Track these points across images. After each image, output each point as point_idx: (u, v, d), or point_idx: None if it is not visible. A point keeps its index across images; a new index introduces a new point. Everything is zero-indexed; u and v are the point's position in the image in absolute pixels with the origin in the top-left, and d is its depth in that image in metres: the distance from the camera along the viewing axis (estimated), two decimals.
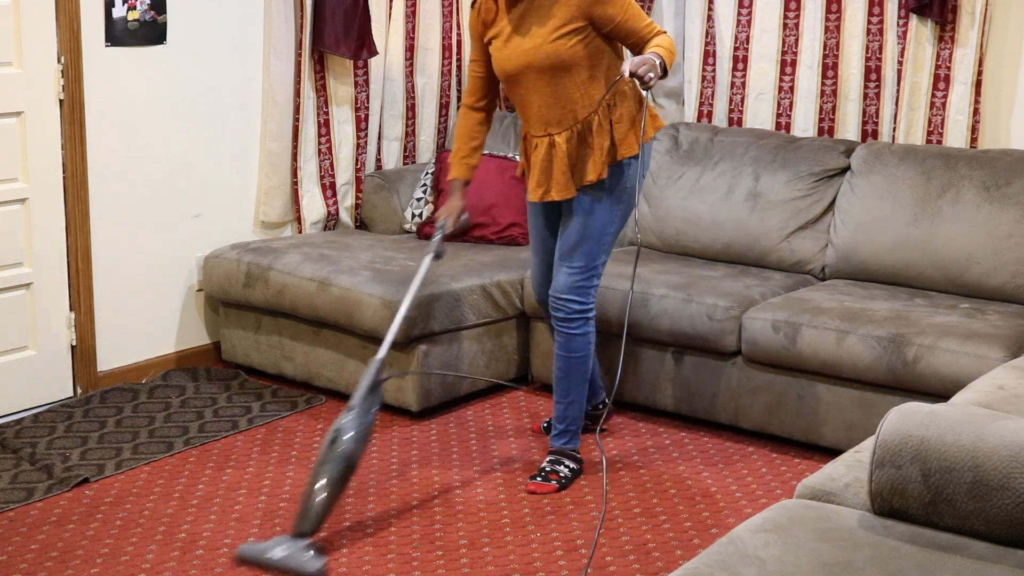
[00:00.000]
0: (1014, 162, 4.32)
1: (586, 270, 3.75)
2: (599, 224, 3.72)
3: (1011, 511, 2.14)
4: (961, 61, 4.54)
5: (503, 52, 3.69)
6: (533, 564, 3.33)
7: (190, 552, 3.39)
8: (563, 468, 3.84)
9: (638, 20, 3.63)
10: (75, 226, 4.47)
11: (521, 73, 3.66)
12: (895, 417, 2.29)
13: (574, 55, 3.60)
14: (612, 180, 3.70)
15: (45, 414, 4.37)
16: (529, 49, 3.62)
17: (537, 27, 3.61)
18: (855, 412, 3.97)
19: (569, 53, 3.59)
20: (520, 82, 3.68)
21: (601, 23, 3.60)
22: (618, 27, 3.61)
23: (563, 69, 3.61)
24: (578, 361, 3.81)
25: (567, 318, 3.77)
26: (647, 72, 3.40)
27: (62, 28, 4.34)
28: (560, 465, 3.85)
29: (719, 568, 2.11)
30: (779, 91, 5.01)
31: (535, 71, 3.63)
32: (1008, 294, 4.22)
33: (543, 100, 3.66)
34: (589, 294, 3.77)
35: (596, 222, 3.72)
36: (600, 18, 3.59)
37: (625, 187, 3.72)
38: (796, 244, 4.63)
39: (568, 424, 3.87)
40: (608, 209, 3.72)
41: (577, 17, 3.58)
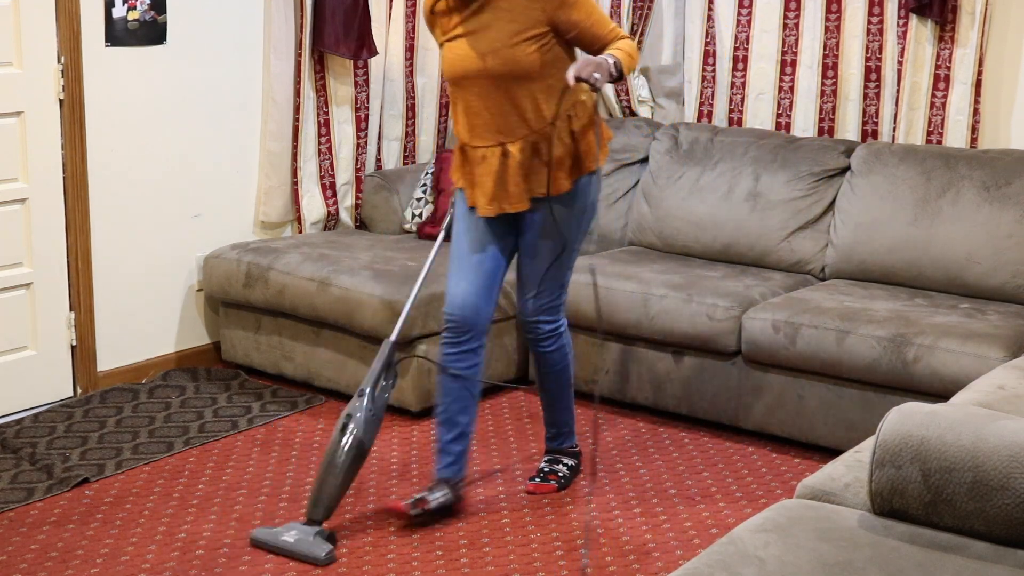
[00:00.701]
0: (1014, 162, 4.32)
1: (554, 291, 3.62)
2: (563, 245, 3.55)
3: (1011, 511, 2.14)
4: (961, 61, 4.54)
5: (456, 53, 3.45)
6: (533, 564, 3.33)
7: (190, 552, 3.39)
8: (561, 467, 3.84)
9: (601, 25, 3.44)
10: (75, 226, 4.47)
11: (474, 77, 3.42)
12: (895, 417, 2.29)
13: (532, 63, 3.39)
14: (578, 196, 3.53)
15: (45, 414, 4.37)
16: (485, 53, 3.40)
17: (495, 31, 3.39)
18: (855, 412, 3.97)
19: (528, 60, 3.38)
20: (470, 87, 3.45)
21: (564, 28, 3.40)
22: (581, 33, 3.42)
23: (519, 77, 3.39)
24: (559, 373, 3.74)
25: (541, 339, 3.66)
26: (592, 73, 3.22)
27: (62, 28, 4.34)
28: (558, 464, 3.84)
29: (719, 568, 2.11)
30: (779, 91, 5.00)
31: (489, 77, 3.40)
32: (1008, 294, 4.22)
33: (495, 107, 3.43)
34: (560, 311, 3.67)
35: (559, 244, 3.54)
36: (564, 23, 3.39)
37: (587, 202, 3.56)
38: (796, 244, 4.63)
39: (560, 427, 3.85)
40: (576, 227, 3.57)
41: (540, 22, 3.37)
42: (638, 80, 5.37)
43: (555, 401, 3.79)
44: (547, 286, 3.59)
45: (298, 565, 3.32)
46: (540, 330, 3.64)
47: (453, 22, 3.46)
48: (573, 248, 3.58)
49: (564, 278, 3.62)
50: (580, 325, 4.50)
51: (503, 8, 3.38)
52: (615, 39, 3.42)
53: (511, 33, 3.37)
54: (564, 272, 3.61)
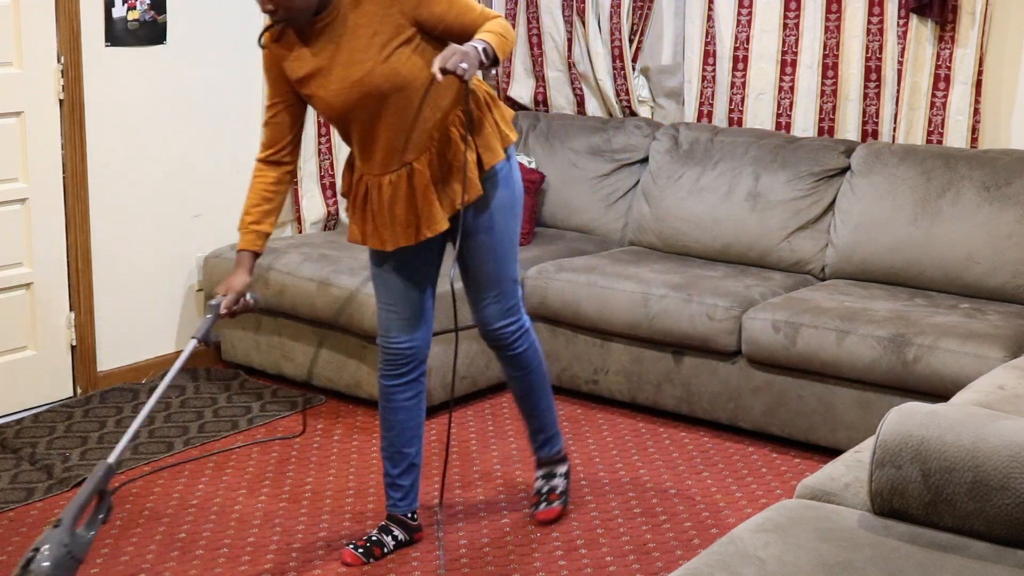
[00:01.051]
0: (1014, 162, 4.32)
1: (507, 290, 3.38)
2: (505, 241, 3.32)
3: (1011, 511, 2.14)
4: (961, 61, 4.54)
5: (328, 91, 3.09)
6: (533, 564, 3.33)
7: (190, 552, 3.39)
8: (558, 480, 3.64)
9: (467, 12, 3.11)
10: (75, 226, 4.47)
11: (359, 108, 3.09)
12: (895, 417, 2.29)
13: (413, 68, 3.07)
14: (497, 191, 3.27)
15: (45, 414, 4.37)
16: (361, 78, 3.06)
17: (360, 52, 3.05)
18: (855, 412, 3.97)
19: (408, 68, 3.07)
20: (358, 118, 3.12)
21: (430, 24, 3.08)
22: (448, 25, 3.09)
23: (406, 87, 3.08)
24: (534, 373, 3.51)
25: (509, 343, 3.43)
26: (458, 63, 2.90)
27: (62, 28, 4.34)
28: (554, 479, 3.64)
29: (719, 568, 2.11)
30: (779, 91, 5.00)
31: (375, 100, 3.07)
32: (1008, 294, 4.22)
33: (392, 130, 3.12)
34: (520, 310, 3.44)
35: (501, 240, 3.31)
36: (428, 20, 3.07)
37: (514, 191, 3.32)
38: (796, 244, 4.63)
39: (548, 430, 3.62)
40: (507, 222, 3.32)
41: (403, 25, 3.05)
42: (638, 80, 5.38)
43: (539, 402, 3.56)
44: (504, 286, 3.36)
45: (298, 565, 3.32)
46: (507, 334, 3.41)
47: (303, 62, 3.11)
48: (514, 242, 3.36)
49: (515, 272, 3.39)
50: (581, 325, 4.51)
51: (359, 24, 3.06)
52: (484, 22, 3.11)
53: (379, 47, 3.05)
54: (512, 267, 3.38)
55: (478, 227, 3.27)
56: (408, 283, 3.30)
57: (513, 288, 3.39)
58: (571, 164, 5.24)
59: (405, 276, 3.30)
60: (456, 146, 3.16)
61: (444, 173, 3.18)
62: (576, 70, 5.47)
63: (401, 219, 3.18)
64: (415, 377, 3.36)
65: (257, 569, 3.30)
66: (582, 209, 5.19)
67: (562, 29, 5.47)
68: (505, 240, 3.32)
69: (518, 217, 3.36)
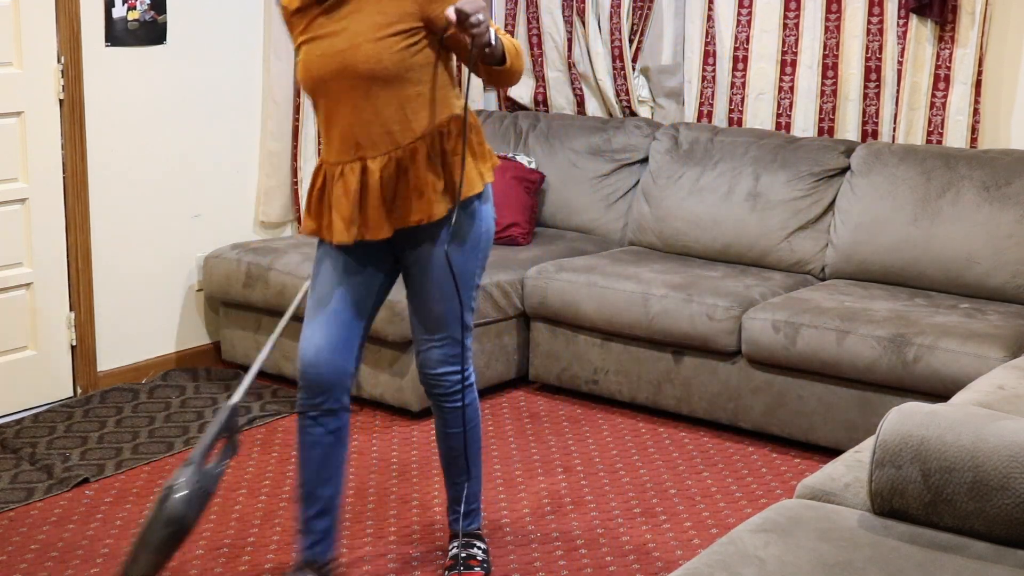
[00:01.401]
0: (1014, 162, 4.32)
1: (454, 335, 3.09)
2: (460, 280, 3.03)
3: (1011, 511, 2.14)
4: (961, 61, 4.54)
5: (312, 54, 2.94)
6: (533, 564, 3.33)
7: (190, 552, 3.39)
8: (478, 551, 3.27)
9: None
10: (75, 226, 4.47)
11: (332, 80, 2.91)
12: (895, 417, 2.29)
13: (399, 63, 2.87)
14: (467, 224, 3.02)
15: (45, 414, 4.37)
16: (345, 50, 2.88)
17: (358, 23, 2.88)
18: (855, 412, 3.97)
19: (394, 59, 2.87)
20: (329, 92, 2.94)
21: (440, 25, 2.87)
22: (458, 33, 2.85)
23: (383, 79, 2.88)
24: (469, 433, 3.19)
25: (447, 393, 3.14)
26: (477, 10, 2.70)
27: (62, 28, 4.34)
28: (473, 548, 3.27)
29: (719, 568, 2.11)
30: (779, 91, 5.00)
31: (349, 78, 2.88)
32: (1008, 294, 4.22)
33: (355, 115, 2.92)
34: (467, 359, 3.14)
35: (459, 277, 3.03)
36: (439, 19, 2.86)
37: (481, 230, 3.06)
38: (796, 244, 4.63)
39: (470, 503, 3.25)
40: (467, 263, 3.05)
41: (411, 15, 2.87)
42: (638, 80, 5.38)
43: (470, 467, 3.21)
44: (453, 332, 3.08)
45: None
46: (447, 383, 3.12)
47: (312, 20, 2.95)
48: (472, 284, 3.09)
49: (468, 318, 3.10)
50: (581, 325, 4.51)
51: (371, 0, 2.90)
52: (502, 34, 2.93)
53: (376, 26, 2.87)
54: (467, 311, 3.09)
55: (434, 262, 3.01)
56: (343, 303, 3.02)
57: (458, 335, 3.09)
58: (571, 164, 5.24)
59: (339, 294, 3.03)
60: (419, 169, 2.93)
61: (401, 187, 2.95)
62: (576, 70, 5.47)
63: (344, 212, 2.95)
64: (334, 409, 3.04)
65: (257, 568, 3.30)
66: (582, 209, 5.19)
67: (562, 29, 5.47)
68: (462, 281, 3.04)
69: (480, 259, 3.09)
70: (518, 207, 5.02)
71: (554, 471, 3.97)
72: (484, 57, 2.85)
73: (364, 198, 2.95)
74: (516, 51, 2.94)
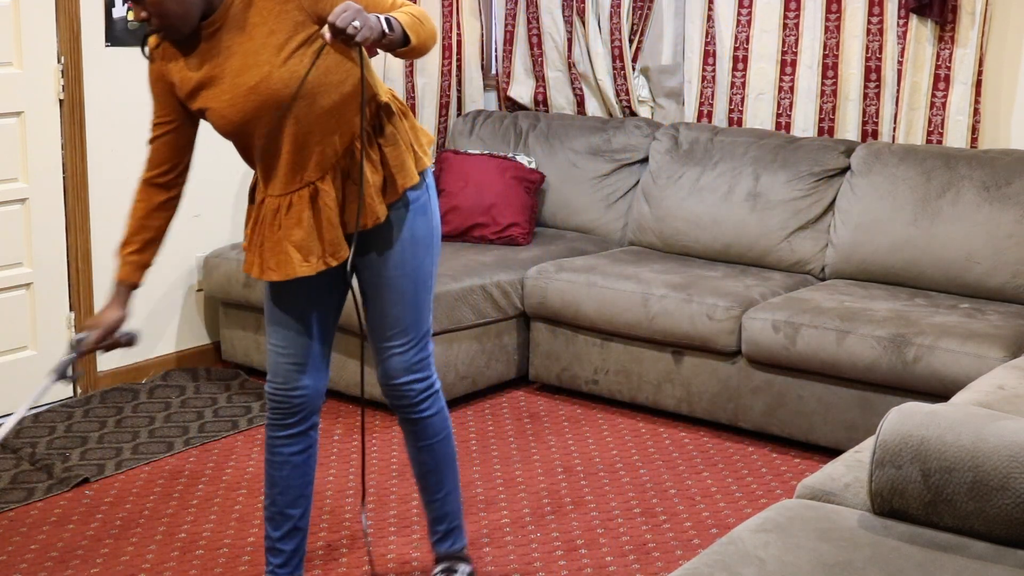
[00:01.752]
0: (1014, 162, 4.32)
1: (419, 340, 2.92)
2: (417, 281, 2.88)
3: (1011, 511, 2.14)
4: (961, 61, 4.54)
5: (221, 101, 2.67)
6: (533, 564, 3.33)
7: (190, 552, 3.39)
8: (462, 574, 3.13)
9: (378, 2, 2.67)
10: (75, 226, 4.47)
11: (255, 118, 2.67)
12: (895, 417, 2.29)
13: (319, 74, 2.65)
14: (408, 221, 2.84)
15: (45, 414, 4.37)
16: (257, 84, 2.63)
17: (255, 54, 2.64)
18: (855, 412, 3.97)
19: (311, 72, 2.64)
20: (256, 131, 2.69)
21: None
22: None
23: (310, 96, 2.66)
24: (442, 445, 3.02)
25: (414, 403, 2.96)
26: (350, 20, 2.45)
27: (62, 28, 4.34)
28: (456, 572, 3.12)
29: (719, 568, 2.11)
30: (779, 91, 5.01)
31: (273, 109, 2.65)
32: (1008, 294, 4.22)
33: (294, 143, 2.70)
34: (429, 365, 2.96)
35: (413, 280, 2.87)
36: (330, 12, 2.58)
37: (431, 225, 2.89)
38: (796, 244, 4.63)
39: (450, 521, 3.10)
40: (420, 258, 2.88)
41: (303, 22, 2.63)
42: (638, 80, 5.38)
43: (443, 481, 3.05)
44: (413, 335, 2.91)
45: None
46: (412, 392, 2.94)
47: (191, 72, 2.69)
48: (426, 284, 2.91)
49: (426, 321, 2.93)
50: (581, 325, 4.51)
51: (253, 24, 2.64)
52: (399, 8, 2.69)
53: (276, 48, 2.63)
54: (423, 314, 2.92)
55: (385, 262, 2.85)
56: (301, 324, 2.89)
57: (424, 339, 2.93)
58: (571, 164, 5.24)
59: (298, 315, 2.88)
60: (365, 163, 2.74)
61: (348, 193, 2.76)
62: (576, 70, 5.47)
63: (302, 245, 2.75)
64: (304, 430, 2.96)
65: (257, 569, 3.30)
66: (582, 209, 5.19)
67: (562, 29, 5.47)
68: (418, 280, 2.88)
69: (434, 254, 2.92)
70: (518, 207, 5.02)
71: (554, 471, 3.97)
72: (385, 47, 2.59)
73: (322, 223, 2.75)
74: (418, 22, 2.65)
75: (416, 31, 2.63)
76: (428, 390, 2.96)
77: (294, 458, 2.97)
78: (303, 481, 2.99)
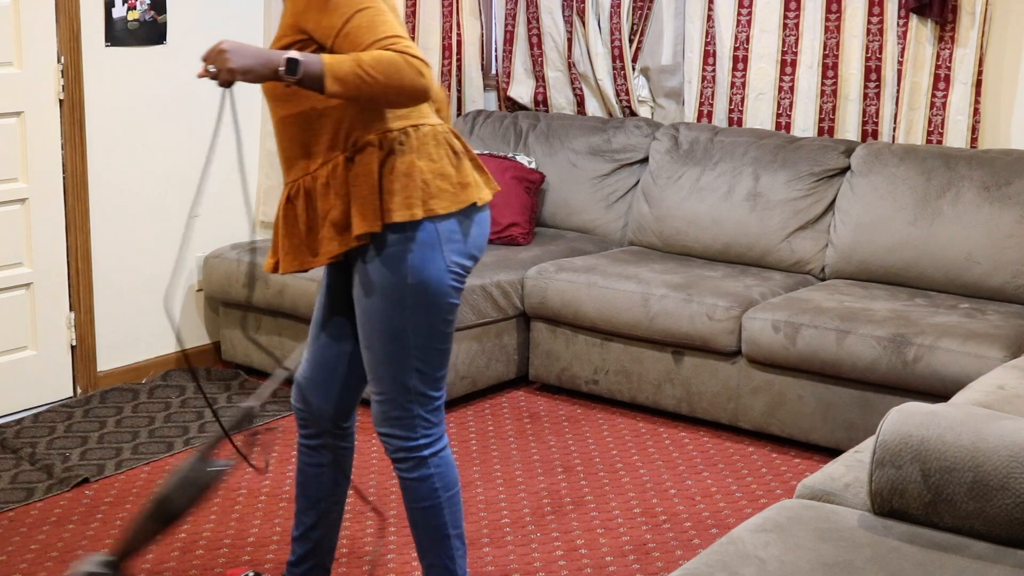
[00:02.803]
0: (1014, 162, 4.32)
1: (396, 396, 2.67)
2: (382, 332, 2.64)
3: (1011, 511, 2.14)
4: (961, 61, 4.54)
5: None
6: (533, 564, 3.33)
7: (190, 552, 3.40)
8: None
9: (369, 32, 2.46)
10: (75, 226, 4.47)
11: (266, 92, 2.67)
12: (895, 417, 2.29)
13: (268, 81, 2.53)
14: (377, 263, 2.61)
15: (45, 414, 4.37)
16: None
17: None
18: (855, 412, 3.97)
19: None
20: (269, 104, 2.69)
21: (321, 36, 2.51)
22: (340, 42, 2.47)
23: (281, 97, 2.61)
24: (422, 514, 2.76)
25: (394, 458, 2.74)
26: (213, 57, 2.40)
27: (62, 28, 4.34)
28: None
29: (719, 568, 2.11)
30: (779, 91, 5.00)
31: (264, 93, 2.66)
32: (1008, 294, 4.22)
33: (278, 133, 2.68)
34: (414, 427, 2.69)
35: (377, 330, 2.64)
36: (316, 30, 2.51)
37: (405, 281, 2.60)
38: (796, 244, 4.63)
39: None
40: (384, 310, 2.62)
41: (292, 27, 2.55)
42: (638, 80, 5.38)
43: (425, 552, 2.81)
44: (386, 388, 2.68)
45: None
46: (388, 446, 2.74)
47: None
48: (403, 342, 2.64)
49: (404, 379, 2.65)
50: (581, 325, 4.51)
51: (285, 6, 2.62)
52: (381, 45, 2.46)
53: (276, 39, 2.60)
54: (400, 371, 2.65)
55: (357, 304, 2.68)
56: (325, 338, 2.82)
57: (401, 396, 2.67)
58: (571, 164, 5.24)
59: (323, 327, 2.82)
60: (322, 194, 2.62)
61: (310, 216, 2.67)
62: (576, 70, 5.47)
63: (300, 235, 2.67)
64: (315, 445, 2.88)
65: (257, 568, 3.30)
66: (582, 209, 5.19)
67: (562, 29, 5.47)
68: (386, 334, 2.64)
69: (407, 313, 2.62)
70: (518, 207, 5.02)
71: (554, 471, 3.97)
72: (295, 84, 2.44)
73: (281, 226, 2.70)
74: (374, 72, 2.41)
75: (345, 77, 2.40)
76: (407, 452, 2.71)
77: (307, 468, 2.92)
78: (315, 493, 2.92)
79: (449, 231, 2.62)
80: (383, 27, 2.47)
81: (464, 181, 2.65)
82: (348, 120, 2.58)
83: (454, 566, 2.80)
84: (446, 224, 2.62)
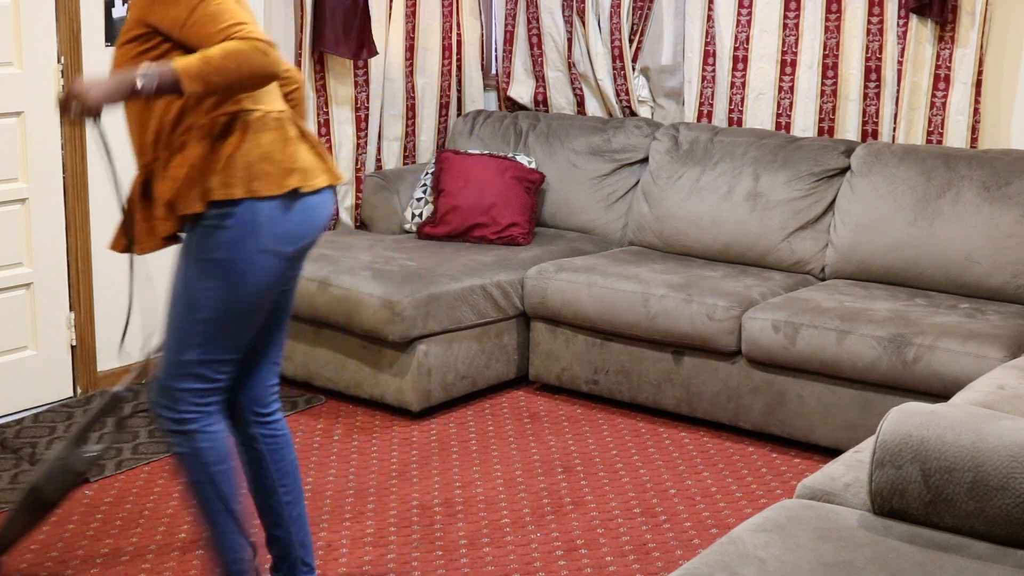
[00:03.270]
0: (1014, 162, 4.32)
1: (170, 365, 2.71)
2: (181, 297, 2.73)
3: (1011, 511, 2.14)
4: (961, 61, 4.54)
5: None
6: (533, 564, 3.33)
7: (190, 552, 3.39)
8: None
9: (213, 21, 2.53)
10: (75, 226, 4.47)
11: None
12: (895, 417, 2.29)
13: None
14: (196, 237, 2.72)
15: (45, 414, 4.37)
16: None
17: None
18: (855, 412, 3.97)
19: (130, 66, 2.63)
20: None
21: (167, 28, 2.59)
22: (186, 32, 2.56)
23: None
24: (191, 488, 2.78)
25: (161, 428, 2.80)
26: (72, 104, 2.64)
27: (62, 28, 4.34)
28: None
29: (719, 568, 2.11)
30: (779, 91, 5.01)
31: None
32: (1008, 294, 4.22)
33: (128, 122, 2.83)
34: (179, 400, 2.70)
35: (178, 294, 2.75)
36: (162, 22, 2.59)
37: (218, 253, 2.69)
38: (796, 244, 4.63)
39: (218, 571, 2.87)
40: (189, 277, 2.73)
41: (137, 23, 2.64)
42: (638, 80, 5.38)
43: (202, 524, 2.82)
44: (168, 355, 2.72)
45: None
46: (157, 413, 2.77)
47: None
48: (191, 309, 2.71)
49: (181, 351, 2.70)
50: (581, 325, 4.51)
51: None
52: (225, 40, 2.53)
53: (120, 35, 2.73)
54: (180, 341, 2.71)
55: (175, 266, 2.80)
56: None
57: (176, 367, 2.70)
58: (571, 164, 5.24)
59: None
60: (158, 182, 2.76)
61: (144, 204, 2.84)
62: (576, 70, 5.47)
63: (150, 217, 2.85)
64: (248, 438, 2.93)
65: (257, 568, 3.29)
66: (582, 209, 5.19)
67: (562, 29, 5.47)
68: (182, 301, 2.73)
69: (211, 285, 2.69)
70: (518, 207, 5.02)
71: (554, 471, 3.97)
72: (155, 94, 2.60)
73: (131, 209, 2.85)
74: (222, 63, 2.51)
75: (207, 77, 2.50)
76: (174, 424, 2.74)
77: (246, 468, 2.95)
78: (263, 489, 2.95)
79: (269, 214, 2.66)
80: (226, 15, 2.54)
81: (291, 167, 2.68)
82: (179, 107, 2.66)
83: (221, 542, 2.80)
84: (266, 206, 2.66)
